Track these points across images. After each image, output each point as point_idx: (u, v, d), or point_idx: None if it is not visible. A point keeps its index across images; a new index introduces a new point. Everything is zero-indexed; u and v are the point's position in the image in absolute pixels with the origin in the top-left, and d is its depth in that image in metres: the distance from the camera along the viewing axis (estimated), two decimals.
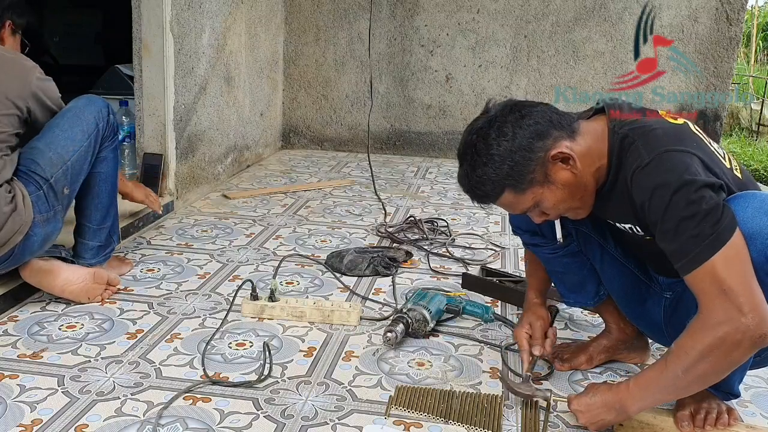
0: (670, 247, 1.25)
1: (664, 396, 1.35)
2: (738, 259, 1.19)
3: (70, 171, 1.91)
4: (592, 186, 1.40)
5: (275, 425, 1.45)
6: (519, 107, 1.38)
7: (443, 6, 4.26)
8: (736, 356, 1.20)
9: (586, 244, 1.64)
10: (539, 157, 1.34)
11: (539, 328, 1.68)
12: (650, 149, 1.29)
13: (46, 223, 1.87)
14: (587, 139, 1.38)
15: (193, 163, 3.18)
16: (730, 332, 1.17)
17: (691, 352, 1.22)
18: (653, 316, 1.61)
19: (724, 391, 1.46)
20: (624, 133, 1.35)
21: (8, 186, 1.80)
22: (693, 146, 1.29)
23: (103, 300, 2.02)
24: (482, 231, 2.91)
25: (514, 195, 1.38)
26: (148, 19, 2.77)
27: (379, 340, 1.85)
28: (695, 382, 1.27)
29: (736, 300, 1.17)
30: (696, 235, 1.20)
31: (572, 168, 1.35)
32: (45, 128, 1.93)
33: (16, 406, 1.48)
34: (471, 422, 1.48)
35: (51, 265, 1.95)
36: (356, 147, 4.52)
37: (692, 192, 1.21)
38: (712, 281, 1.19)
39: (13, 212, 1.78)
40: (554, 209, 1.41)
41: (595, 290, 1.70)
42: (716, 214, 1.19)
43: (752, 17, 8.56)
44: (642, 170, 1.28)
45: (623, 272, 1.63)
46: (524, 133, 1.34)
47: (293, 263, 2.44)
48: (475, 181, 1.39)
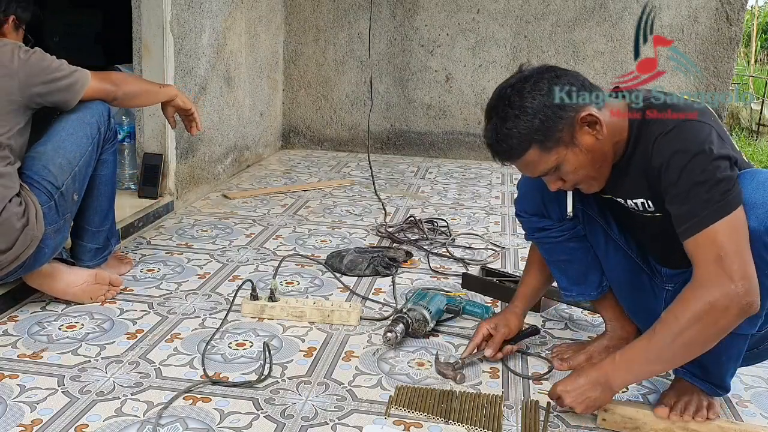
0: (679, 209, 1.30)
1: (649, 367, 1.38)
2: (738, 230, 1.25)
3: (78, 176, 1.90)
4: (610, 157, 1.44)
5: (275, 425, 1.45)
6: (554, 68, 1.42)
7: (443, 6, 4.26)
8: (723, 323, 1.25)
9: (591, 228, 1.66)
10: (570, 116, 1.37)
11: (501, 335, 1.75)
12: (674, 119, 1.35)
13: (56, 234, 1.85)
14: (611, 111, 1.42)
15: (193, 163, 3.18)
16: (720, 298, 1.23)
17: (680, 318, 1.27)
18: (653, 308, 1.61)
19: (714, 384, 1.47)
20: (646, 105, 1.40)
21: (18, 199, 1.74)
22: (712, 120, 1.35)
23: (105, 300, 2.01)
24: (482, 231, 2.91)
25: (539, 152, 1.40)
26: (148, 19, 2.77)
27: (379, 340, 1.85)
28: (681, 351, 1.30)
29: (729, 267, 1.23)
30: (706, 200, 1.26)
31: (598, 134, 1.39)
32: (49, 132, 1.88)
33: (16, 406, 1.48)
34: (471, 422, 1.48)
35: (52, 268, 1.94)
36: (356, 147, 4.52)
37: (709, 161, 1.27)
38: (711, 246, 1.24)
39: (25, 227, 1.74)
40: (574, 174, 1.43)
41: (599, 280, 1.71)
42: (728, 184, 1.26)
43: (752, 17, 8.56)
44: (665, 136, 1.34)
45: (626, 261, 1.64)
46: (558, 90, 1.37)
47: (293, 263, 2.44)
48: (504, 134, 1.39)
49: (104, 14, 4.84)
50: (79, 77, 1.87)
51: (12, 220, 1.72)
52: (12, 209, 1.72)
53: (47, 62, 1.82)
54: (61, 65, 1.86)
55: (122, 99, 2.00)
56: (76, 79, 1.87)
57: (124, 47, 2.97)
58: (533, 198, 1.67)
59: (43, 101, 1.84)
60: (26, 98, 1.79)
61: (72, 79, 1.86)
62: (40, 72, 1.80)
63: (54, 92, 1.83)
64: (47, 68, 1.82)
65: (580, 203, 1.65)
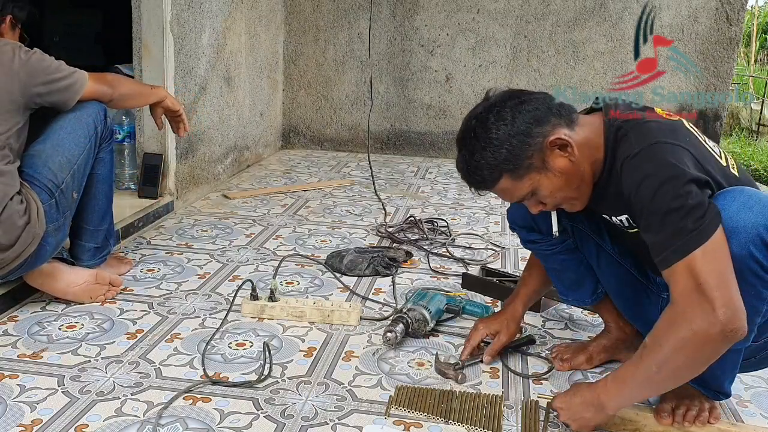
0: (652, 239, 1.25)
1: (640, 392, 1.35)
2: (717, 256, 1.19)
3: (77, 174, 1.91)
4: (588, 177, 1.40)
5: (275, 425, 1.45)
6: (518, 94, 1.39)
7: (443, 6, 4.26)
8: (708, 351, 1.20)
9: (583, 242, 1.64)
10: (537, 142, 1.35)
11: (501, 344, 1.75)
12: (641, 140, 1.30)
13: (57, 232, 1.87)
14: (585, 130, 1.39)
15: (193, 163, 3.18)
16: (703, 326, 1.17)
17: (664, 346, 1.22)
18: (651, 315, 1.60)
19: (714, 390, 1.46)
20: (618, 125, 1.36)
21: (19, 197, 1.76)
22: (685, 141, 1.29)
23: (105, 300, 2.01)
24: (482, 231, 2.91)
25: (512, 181, 1.39)
26: (148, 19, 2.77)
27: (379, 340, 1.85)
28: (670, 378, 1.27)
29: (710, 294, 1.16)
30: (679, 229, 1.20)
31: (570, 156, 1.36)
32: (47, 131, 1.90)
33: (16, 406, 1.48)
34: (471, 422, 1.48)
35: (53, 268, 1.95)
36: (356, 147, 4.52)
37: (680, 186, 1.21)
38: (689, 275, 1.19)
39: (27, 225, 1.76)
40: (551, 197, 1.42)
41: (593, 288, 1.71)
42: (701, 210, 1.19)
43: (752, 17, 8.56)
44: (631, 160, 1.29)
45: (620, 271, 1.63)
46: (523, 118, 1.35)
47: (293, 263, 2.44)
48: (473, 166, 1.39)
49: (104, 14, 4.84)
50: (77, 78, 1.89)
51: (14, 218, 1.73)
52: (14, 207, 1.73)
53: (47, 63, 1.84)
54: (60, 66, 1.87)
55: (117, 100, 2.03)
56: (75, 79, 1.89)
57: (124, 47, 2.97)
58: (521, 211, 1.65)
59: (42, 101, 1.85)
60: (26, 98, 1.80)
61: (71, 80, 1.88)
62: (41, 72, 1.82)
63: (54, 92, 1.85)
64: (47, 69, 1.83)
65: (569, 219, 1.61)
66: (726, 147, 5.62)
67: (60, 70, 1.86)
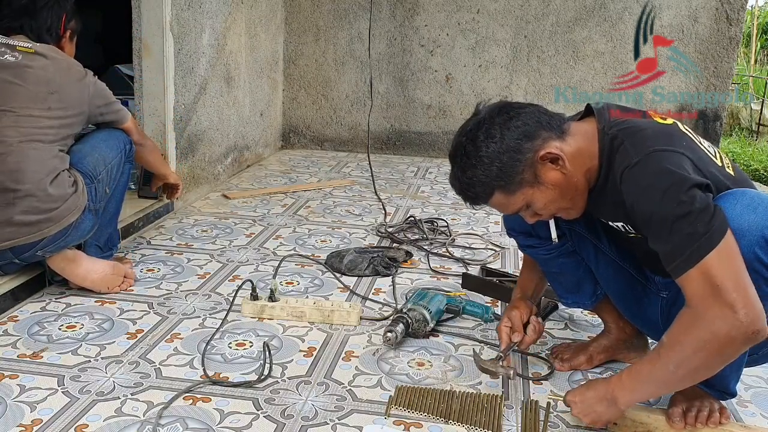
0: (663, 248, 1.25)
1: (655, 389, 1.35)
2: (731, 257, 1.19)
3: (110, 173, 2.10)
4: (583, 186, 1.40)
5: (275, 425, 1.45)
6: (507, 109, 1.38)
7: (443, 6, 4.26)
8: (729, 352, 1.21)
9: (581, 244, 1.64)
10: (528, 157, 1.35)
11: (517, 317, 1.65)
12: (638, 149, 1.29)
13: (93, 214, 2.03)
14: (577, 139, 1.39)
15: (193, 163, 3.18)
16: (724, 328, 1.17)
17: (685, 347, 1.23)
18: (650, 315, 1.61)
19: (720, 390, 1.46)
20: (613, 134, 1.36)
21: (68, 173, 1.97)
22: (682, 146, 1.29)
23: (119, 291, 2.09)
24: (482, 231, 2.91)
25: (505, 196, 1.39)
26: (148, 19, 2.77)
27: (379, 340, 1.85)
28: (687, 377, 1.27)
29: (729, 297, 1.17)
30: (690, 235, 1.19)
31: (562, 168, 1.36)
32: (85, 137, 2.12)
33: (16, 406, 1.48)
34: (471, 422, 1.48)
35: (75, 254, 2.05)
36: (356, 147, 4.52)
37: (683, 192, 1.21)
38: (705, 280, 1.18)
39: (75, 192, 1.95)
40: (546, 209, 1.42)
41: (592, 290, 1.71)
42: (708, 214, 1.19)
43: (752, 17, 8.56)
44: (630, 170, 1.29)
45: (619, 273, 1.63)
46: (512, 134, 1.35)
47: (293, 263, 2.44)
48: (465, 183, 1.40)
49: (104, 14, 4.84)
50: (125, 109, 2.23)
51: (65, 183, 1.93)
52: (65, 176, 1.95)
53: (106, 90, 2.15)
54: (112, 95, 2.18)
55: (143, 147, 2.32)
56: (124, 109, 2.22)
57: (124, 47, 2.97)
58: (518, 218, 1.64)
59: (101, 119, 2.14)
60: (91, 112, 2.08)
61: (121, 107, 2.21)
62: (104, 96, 2.13)
63: (110, 113, 2.16)
64: (107, 95, 2.15)
65: (566, 223, 1.60)
66: (726, 147, 5.63)
67: (113, 98, 2.18)
